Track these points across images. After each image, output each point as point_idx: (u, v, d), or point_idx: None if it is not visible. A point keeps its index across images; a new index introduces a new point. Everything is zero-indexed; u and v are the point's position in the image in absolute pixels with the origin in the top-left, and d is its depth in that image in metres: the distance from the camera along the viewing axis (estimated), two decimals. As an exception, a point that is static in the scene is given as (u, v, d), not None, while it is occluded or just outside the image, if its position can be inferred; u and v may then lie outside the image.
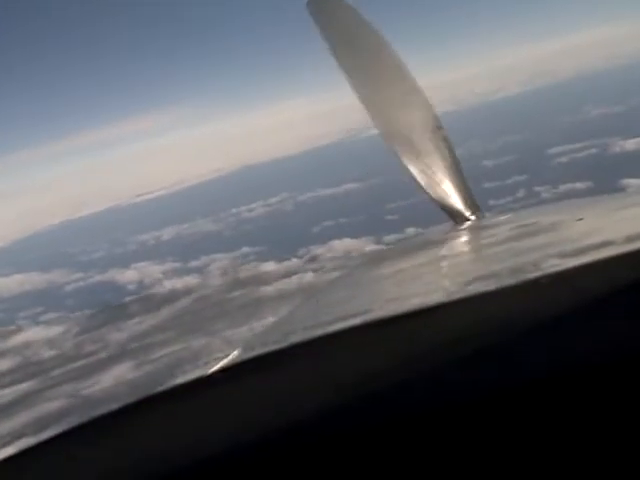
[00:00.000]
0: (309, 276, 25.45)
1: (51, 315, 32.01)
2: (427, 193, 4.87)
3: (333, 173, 59.54)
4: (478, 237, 4.20)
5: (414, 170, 4.96)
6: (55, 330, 28.86)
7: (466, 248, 4.04)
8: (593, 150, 39.31)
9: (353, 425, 1.14)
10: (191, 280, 32.48)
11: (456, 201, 4.80)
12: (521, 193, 32.57)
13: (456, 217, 4.70)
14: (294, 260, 29.48)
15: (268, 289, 25.58)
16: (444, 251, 3.94)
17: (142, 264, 40.54)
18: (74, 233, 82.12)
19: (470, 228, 4.54)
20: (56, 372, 22.51)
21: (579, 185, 30.32)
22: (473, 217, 4.64)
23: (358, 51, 5.22)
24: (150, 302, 30.32)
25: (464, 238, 4.41)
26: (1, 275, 51.49)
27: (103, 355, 23.36)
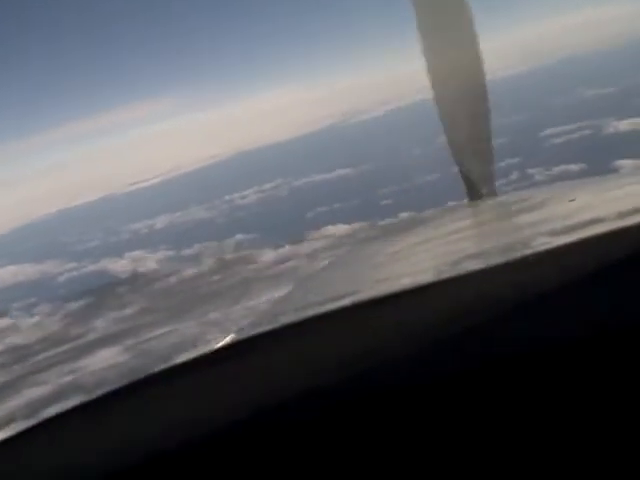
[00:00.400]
0: (303, 261, 25.40)
1: (44, 306, 31.91)
2: (456, 162, 5.09)
3: (327, 158, 59.37)
4: (477, 215, 4.24)
5: (452, 138, 5.17)
6: (46, 319, 28.94)
7: (462, 226, 4.11)
8: (587, 131, 39.15)
9: (347, 402, 1.15)
10: (184, 268, 32.46)
11: (478, 176, 4.93)
12: (514, 175, 32.42)
13: (472, 191, 4.85)
14: (287, 247, 29.40)
15: (261, 274, 25.60)
16: (439, 230, 4.05)
17: (135, 253, 40.41)
18: (69, 222, 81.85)
19: (473, 206, 4.64)
20: (48, 355, 22.60)
21: (573, 167, 30.19)
22: (485, 193, 4.80)
23: (440, 18, 5.28)
24: (141, 286, 30.44)
25: (463, 217, 4.43)
26: (-4, 266, 51.45)
27: (96, 338, 23.44)
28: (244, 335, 2.18)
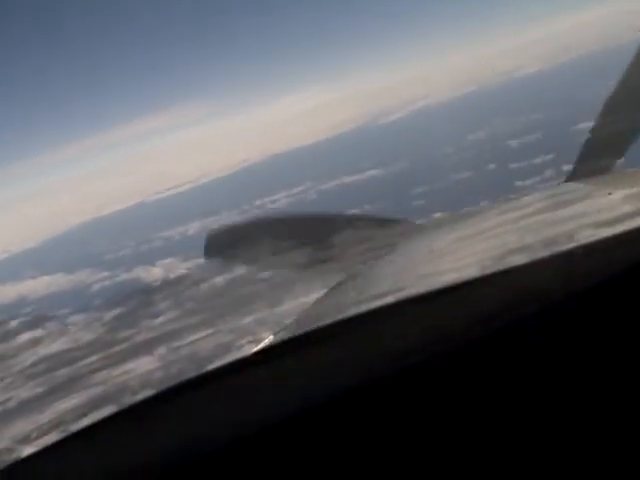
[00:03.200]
0: (340, 263, 25.11)
1: (77, 316, 31.94)
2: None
3: (356, 160, 59.08)
4: (513, 211, 4.12)
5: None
6: (80, 329, 28.97)
7: (501, 221, 4.09)
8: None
9: (390, 401, 1.14)
10: (215, 273, 32.31)
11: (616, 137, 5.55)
12: (549, 172, 31.78)
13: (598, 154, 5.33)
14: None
15: (295, 277, 25.39)
16: (478, 226, 4.12)
17: (168, 260, 40.33)
18: (101, 231, 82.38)
19: (507, 202, 4.74)
20: (83, 364, 22.62)
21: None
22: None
23: None
24: (174, 294, 30.38)
25: (501, 212, 4.44)
26: (29, 277, 51.74)
27: (130, 347, 23.40)
28: (288, 335, 2.23)
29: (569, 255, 1.59)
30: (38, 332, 29.39)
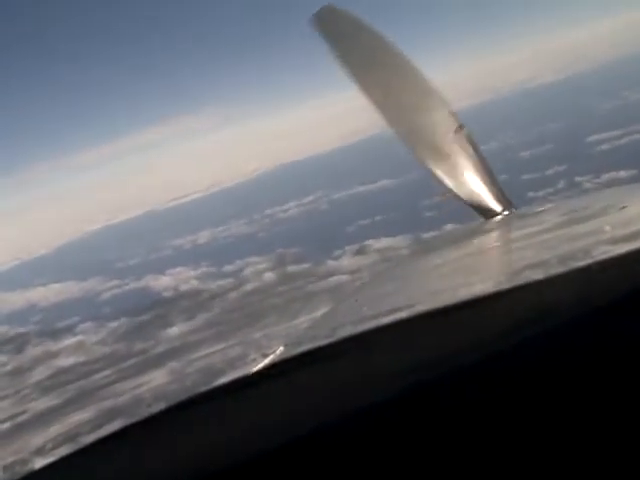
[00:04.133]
0: (348, 276, 25.02)
1: (87, 324, 31.95)
2: (455, 194, 4.82)
3: (367, 170, 58.92)
4: (517, 228, 4.04)
5: (440, 172, 4.89)
6: (89, 338, 28.93)
7: (505, 239, 3.98)
8: (636, 136, 38.07)
9: (404, 418, 1.13)
10: (225, 284, 32.28)
11: (486, 198, 4.71)
12: (562, 184, 31.54)
13: (488, 214, 4.64)
14: (329, 262, 29.00)
15: (306, 289, 25.33)
16: (482, 243, 3.97)
17: (177, 269, 40.28)
18: (111, 239, 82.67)
19: (507, 220, 4.45)
20: (96, 377, 22.64)
21: (623, 173, 29.14)
22: (505, 212, 4.58)
23: (370, 62, 5.06)
24: (188, 304, 30.39)
25: (502, 229, 4.33)
26: (40, 285, 51.90)
27: (148, 356, 23.40)
28: (296, 350, 2.22)
29: (586, 271, 1.56)
30: (49, 343, 29.48)
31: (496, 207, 4.63)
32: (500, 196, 4.72)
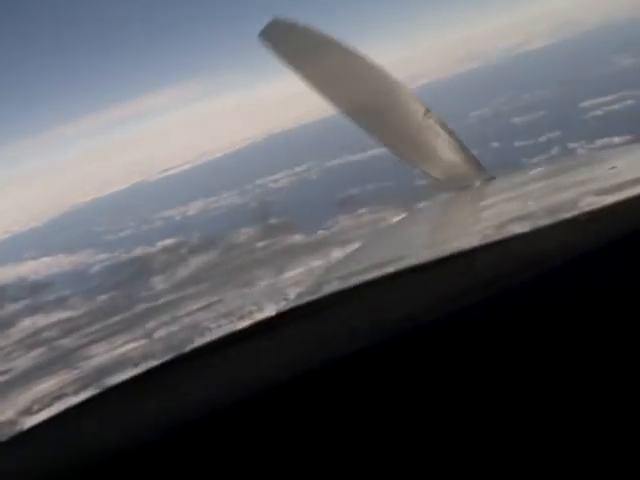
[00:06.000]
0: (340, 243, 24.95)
1: (78, 298, 31.90)
2: (434, 176, 5.02)
3: (359, 138, 58.52)
4: (504, 189, 4.10)
5: (419, 160, 5.13)
6: (80, 311, 28.86)
7: (491, 201, 4.05)
8: (629, 102, 37.80)
9: (397, 363, 1.16)
10: (216, 254, 32.19)
11: (466, 172, 4.82)
12: (555, 150, 31.35)
13: (468, 185, 4.70)
14: (320, 232, 28.88)
15: (292, 257, 25.29)
16: (470, 206, 4.05)
17: (168, 241, 40.06)
18: (102, 211, 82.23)
19: (492, 184, 4.51)
20: (89, 330, 22.69)
21: (617, 139, 28.93)
22: (486, 179, 4.66)
23: (328, 70, 5.01)
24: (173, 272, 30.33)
25: (487, 193, 4.37)
26: (31, 258, 51.74)
27: (138, 313, 23.45)
28: (288, 305, 2.26)
29: (572, 222, 1.58)
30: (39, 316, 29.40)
31: (476, 178, 4.68)
32: (477, 167, 4.81)
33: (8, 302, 35.05)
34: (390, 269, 2.17)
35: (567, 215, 1.85)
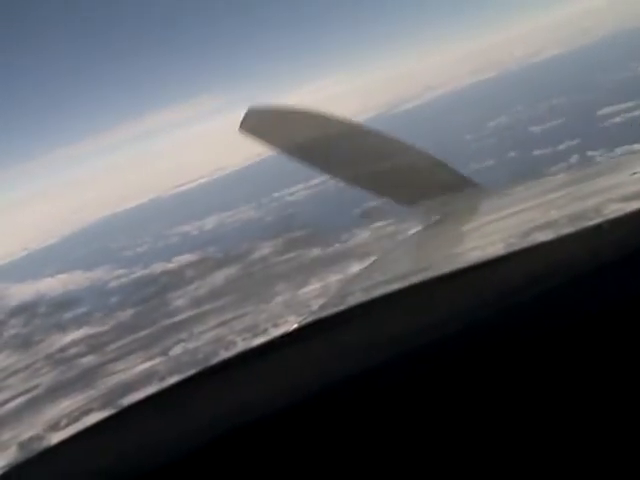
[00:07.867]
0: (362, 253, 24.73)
1: (95, 315, 31.75)
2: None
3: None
4: (521, 200, 4.04)
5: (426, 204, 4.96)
6: (98, 328, 28.69)
7: (509, 212, 4.01)
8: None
9: (424, 375, 1.15)
10: (233, 269, 32.02)
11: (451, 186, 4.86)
12: (574, 158, 30.99)
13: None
14: (337, 245, 28.64)
15: (316, 270, 25.03)
16: (500, 211, 3.96)
17: (185, 257, 39.93)
18: (118, 227, 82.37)
19: (501, 193, 4.59)
20: (104, 359, 22.51)
21: (637, 147, 28.58)
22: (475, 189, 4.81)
23: (319, 145, 5.00)
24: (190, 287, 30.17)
25: (520, 197, 4.32)
26: (47, 275, 51.79)
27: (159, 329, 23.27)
28: (310, 319, 2.23)
29: (596, 229, 1.55)
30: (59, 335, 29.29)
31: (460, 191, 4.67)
32: (468, 180, 4.86)
33: (27, 319, 35.00)
34: (408, 281, 2.11)
35: (591, 223, 1.80)
